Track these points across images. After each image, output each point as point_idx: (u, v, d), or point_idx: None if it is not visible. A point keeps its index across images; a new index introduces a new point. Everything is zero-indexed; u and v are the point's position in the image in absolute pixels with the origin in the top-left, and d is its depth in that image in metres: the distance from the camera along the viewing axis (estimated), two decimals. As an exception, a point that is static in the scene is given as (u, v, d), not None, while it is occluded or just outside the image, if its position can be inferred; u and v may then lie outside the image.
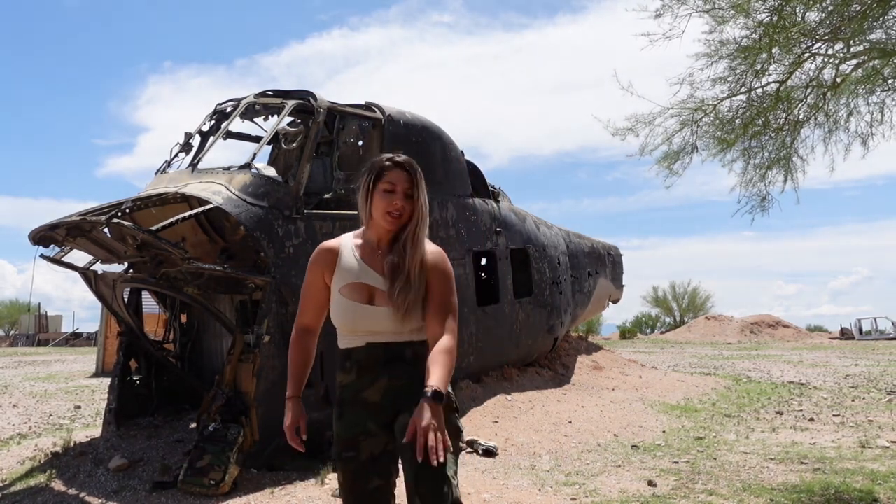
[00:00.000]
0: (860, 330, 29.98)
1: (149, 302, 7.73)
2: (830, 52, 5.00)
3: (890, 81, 4.85)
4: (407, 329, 2.19)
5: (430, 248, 2.28)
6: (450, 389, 2.11)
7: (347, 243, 2.32)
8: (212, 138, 6.40)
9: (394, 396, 2.21)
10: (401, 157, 2.27)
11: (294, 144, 6.26)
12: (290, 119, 6.71)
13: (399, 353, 2.23)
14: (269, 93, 6.56)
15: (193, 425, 6.07)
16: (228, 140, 6.89)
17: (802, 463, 5.58)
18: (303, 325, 2.37)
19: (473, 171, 8.35)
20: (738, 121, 5.42)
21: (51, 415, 8.67)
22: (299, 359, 2.33)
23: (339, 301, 2.25)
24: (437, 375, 2.02)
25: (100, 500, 4.74)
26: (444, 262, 2.29)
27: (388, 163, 2.26)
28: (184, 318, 7.26)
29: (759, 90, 5.31)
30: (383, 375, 2.22)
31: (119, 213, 5.02)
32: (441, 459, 1.89)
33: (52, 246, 5.78)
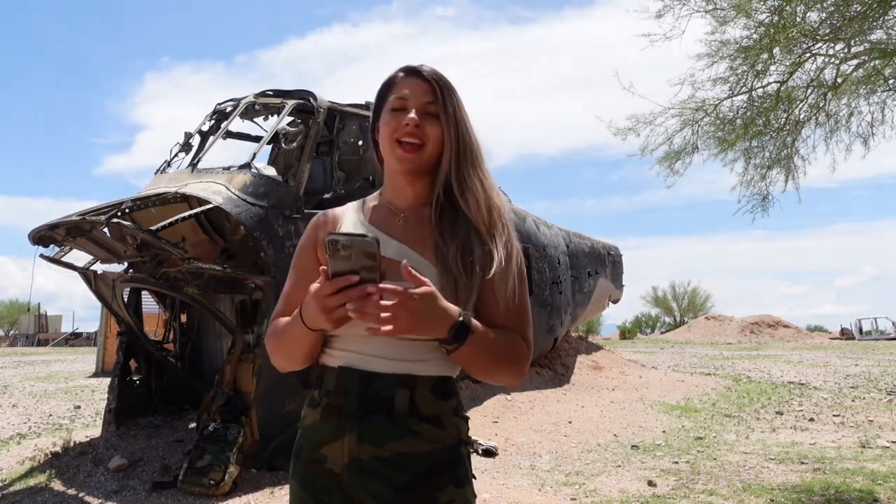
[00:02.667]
0: (860, 330, 30.03)
1: (149, 302, 7.72)
2: (831, 52, 5.00)
3: (891, 82, 4.85)
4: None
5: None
6: (475, 441, 1.38)
7: (353, 207, 1.57)
8: (212, 138, 6.40)
9: (366, 476, 1.31)
10: (419, 65, 1.45)
11: (294, 144, 6.26)
12: (290, 119, 6.71)
13: (386, 394, 1.31)
14: (269, 92, 6.56)
15: (193, 425, 6.07)
16: (228, 140, 6.90)
17: (802, 463, 5.58)
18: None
19: (474, 171, 8.34)
20: (738, 121, 5.42)
21: (50, 415, 8.66)
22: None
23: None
24: (488, 329, 1.31)
25: (99, 500, 4.73)
26: (517, 246, 1.45)
27: (400, 73, 1.46)
28: (184, 318, 7.26)
29: (760, 90, 5.31)
30: (351, 429, 1.32)
31: (119, 213, 5.02)
32: (385, 329, 1.15)
33: (51, 246, 5.78)
